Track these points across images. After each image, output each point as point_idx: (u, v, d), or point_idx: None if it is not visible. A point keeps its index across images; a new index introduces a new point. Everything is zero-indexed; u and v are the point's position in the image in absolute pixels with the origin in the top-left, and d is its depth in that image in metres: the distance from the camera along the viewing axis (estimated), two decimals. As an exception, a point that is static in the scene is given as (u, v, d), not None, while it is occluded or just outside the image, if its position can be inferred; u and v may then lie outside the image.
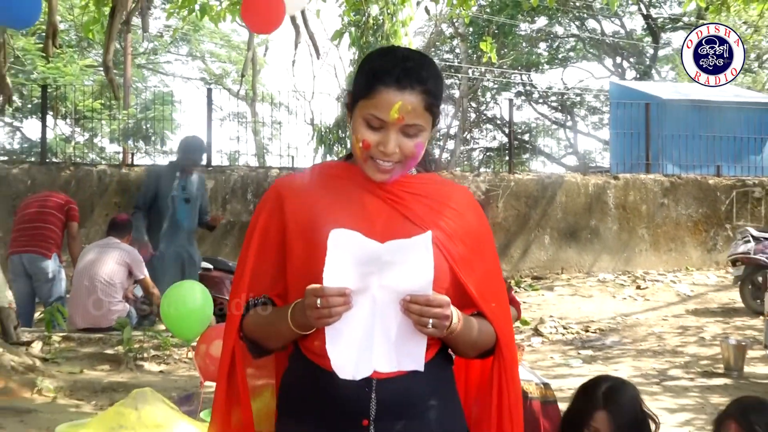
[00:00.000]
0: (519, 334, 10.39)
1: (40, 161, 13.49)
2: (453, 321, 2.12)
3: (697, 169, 15.45)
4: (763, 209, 14.74)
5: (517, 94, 30.91)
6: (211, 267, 9.80)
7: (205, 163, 11.77)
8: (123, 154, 19.38)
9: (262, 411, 2.39)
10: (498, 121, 31.08)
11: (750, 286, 11.46)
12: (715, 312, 11.85)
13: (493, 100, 31.89)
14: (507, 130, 21.31)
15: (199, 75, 31.63)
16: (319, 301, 2.03)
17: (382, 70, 2.20)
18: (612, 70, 33.11)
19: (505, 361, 2.31)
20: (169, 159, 21.09)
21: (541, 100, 32.38)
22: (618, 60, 32.89)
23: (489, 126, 32.15)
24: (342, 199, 2.26)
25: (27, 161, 14.92)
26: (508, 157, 16.26)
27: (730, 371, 8.54)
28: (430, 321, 2.05)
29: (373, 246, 2.08)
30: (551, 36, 31.77)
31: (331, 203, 2.25)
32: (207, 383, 5.22)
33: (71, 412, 6.01)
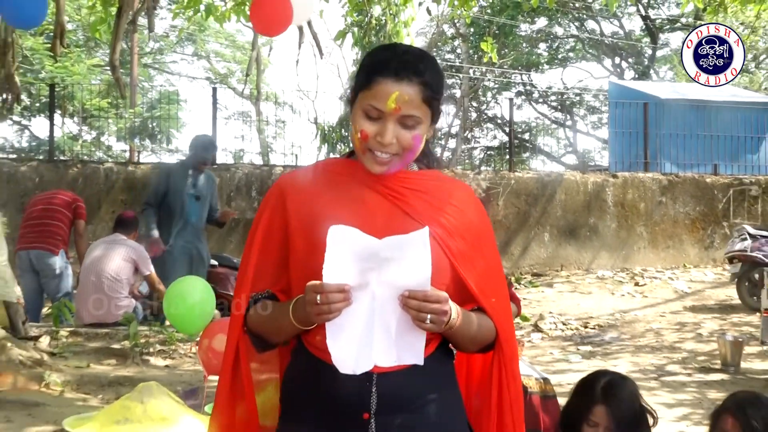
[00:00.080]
0: (519, 330, 10.39)
1: (48, 159, 13.48)
2: (451, 316, 2.11)
3: (694, 167, 15.44)
4: (760, 207, 14.74)
5: (518, 93, 30.91)
6: (216, 263, 9.79)
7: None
8: (129, 152, 19.41)
9: (266, 405, 2.39)
10: (498, 121, 31.08)
11: (747, 283, 11.46)
12: (713, 308, 11.84)
13: (494, 100, 31.91)
14: (507, 129, 21.29)
15: (204, 74, 31.66)
16: (318, 297, 2.02)
17: (381, 62, 2.21)
18: (611, 70, 33.10)
19: (504, 355, 2.30)
20: (175, 157, 21.16)
21: (541, 100, 32.37)
22: (617, 60, 32.88)
23: (490, 125, 32.16)
24: (343, 195, 2.25)
25: (35, 159, 14.93)
26: (508, 155, 16.26)
27: (727, 367, 8.53)
28: (428, 316, 2.05)
29: (371, 242, 2.07)
30: (551, 36, 31.77)
31: (333, 199, 2.24)
32: (210, 377, 5.22)
33: (78, 405, 6.00)
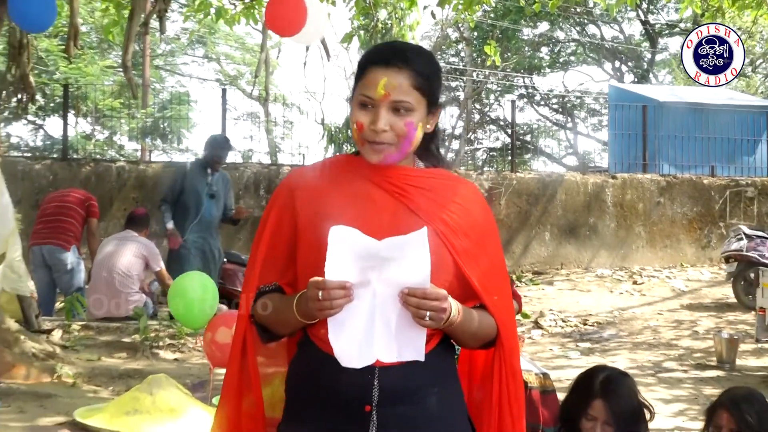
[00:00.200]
0: (520, 327, 10.38)
1: (61, 157, 13.49)
2: (451, 313, 2.11)
3: (692, 169, 15.43)
4: (756, 208, 14.71)
5: (520, 96, 30.85)
6: (225, 260, 9.79)
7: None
8: (141, 152, 19.45)
9: (274, 397, 2.38)
10: (501, 122, 31.02)
11: (742, 282, 11.46)
12: (709, 307, 11.83)
13: (497, 102, 31.83)
14: (510, 130, 21.26)
15: (214, 76, 31.62)
16: (320, 293, 2.03)
17: (373, 53, 2.25)
18: (611, 73, 33.04)
19: (505, 352, 2.29)
20: (185, 156, 21.18)
21: (542, 102, 32.31)
22: (617, 64, 32.82)
23: (492, 127, 32.08)
24: (349, 192, 2.24)
25: (49, 157, 14.95)
26: (510, 156, 16.25)
27: (723, 364, 8.52)
28: (428, 313, 2.05)
29: (371, 243, 2.07)
30: (553, 40, 31.72)
31: (339, 196, 2.23)
32: (217, 370, 5.22)
33: (89, 397, 6.01)
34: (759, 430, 3.43)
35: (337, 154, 17.33)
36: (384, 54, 2.21)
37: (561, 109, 32.46)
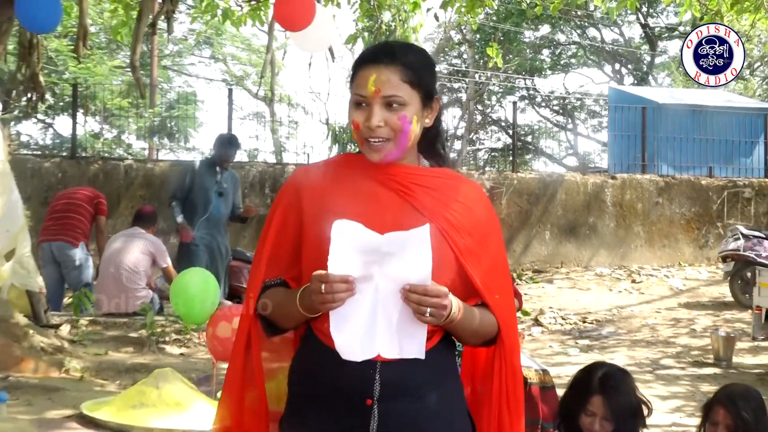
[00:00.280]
0: (520, 324, 10.35)
1: (70, 156, 13.49)
2: (452, 310, 2.10)
3: (690, 170, 15.41)
4: (753, 209, 14.70)
5: (521, 97, 30.81)
6: (230, 257, 9.79)
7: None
8: (148, 150, 19.45)
9: (279, 391, 2.37)
10: (503, 123, 31.00)
11: (739, 281, 11.45)
12: (706, 305, 11.82)
13: (498, 103, 31.81)
14: (511, 131, 21.26)
15: (220, 76, 31.58)
16: (323, 286, 2.03)
17: (364, 53, 2.25)
18: (611, 75, 33.02)
19: (505, 350, 2.28)
20: (192, 155, 21.18)
21: (543, 104, 32.28)
22: (617, 66, 32.80)
23: (494, 128, 32.07)
24: (353, 189, 2.24)
25: (58, 155, 14.94)
26: (511, 157, 16.25)
27: (720, 361, 8.52)
28: (428, 310, 2.05)
29: (373, 237, 2.07)
30: (554, 43, 31.70)
31: (343, 194, 2.23)
32: (220, 364, 5.23)
33: (96, 390, 6.02)
34: (755, 426, 3.43)
35: (341, 153, 17.34)
36: (372, 52, 2.23)
37: (561, 111, 32.44)
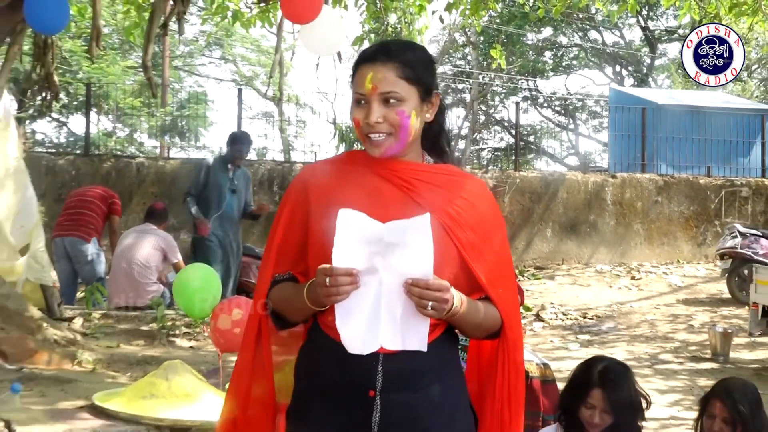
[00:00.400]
0: (522, 319, 10.34)
1: (84, 153, 13.50)
2: (454, 304, 2.09)
3: (689, 169, 15.39)
4: (750, 207, 14.67)
5: (524, 98, 30.81)
6: (241, 253, 9.78)
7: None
8: (160, 149, 19.46)
9: (286, 382, 2.37)
10: (505, 123, 31.01)
11: (736, 278, 11.43)
12: (704, 302, 11.79)
13: (501, 104, 31.81)
14: (514, 131, 21.24)
15: (230, 77, 31.57)
16: (328, 279, 2.03)
17: (361, 53, 2.26)
18: (612, 77, 33.00)
19: (508, 343, 2.28)
20: (202, 153, 21.18)
21: (545, 105, 32.26)
22: (617, 68, 32.78)
23: (497, 128, 32.07)
24: (359, 185, 2.24)
25: (72, 153, 14.95)
26: (514, 156, 16.24)
27: (717, 356, 8.50)
28: (430, 303, 2.04)
29: (375, 225, 2.07)
30: (556, 45, 31.66)
31: (348, 189, 2.23)
32: (225, 355, 5.23)
33: (108, 382, 6.01)
34: (751, 419, 3.42)
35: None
36: (370, 52, 2.24)
37: (563, 111, 32.42)
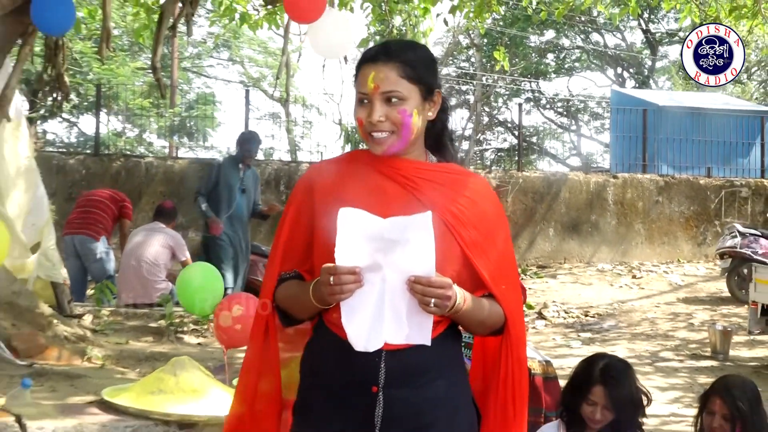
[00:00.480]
0: (524, 317, 10.34)
1: (93, 153, 13.53)
2: (456, 301, 2.09)
3: (689, 170, 15.38)
4: (749, 207, 14.65)
5: (527, 99, 30.78)
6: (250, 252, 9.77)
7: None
8: (169, 148, 19.48)
9: (291, 380, 2.37)
10: (509, 124, 30.98)
11: (736, 277, 11.42)
12: (704, 300, 11.78)
13: (505, 105, 31.77)
14: (516, 132, 21.21)
15: (238, 78, 31.62)
16: (331, 278, 2.02)
17: (363, 54, 2.26)
18: (613, 79, 32.96)
19: (512, 340, 2.28)
20: (211, 153, 21.21)
21: (548, 106, 32.23)
22: (619, 70, 32.74)
23: (500, 128, 32.05)
24: (363, 184, 2.23)
25: (82, 153, 14.97)
26: (517, 156, 16.23)
27: (717, 354, 8.48)
28: (432, 300, 2.04)
29: (377, 222, 2.06)
30: (558, 47, 31.63)
31: (352, 187, 2.23)
32: (230, 352, 5.24)
33: (117, 378, 6.01)
34: (750, 415, 3.41)
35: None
36: (371, 52, 2.24)
37: (565, 113, 32.39)
